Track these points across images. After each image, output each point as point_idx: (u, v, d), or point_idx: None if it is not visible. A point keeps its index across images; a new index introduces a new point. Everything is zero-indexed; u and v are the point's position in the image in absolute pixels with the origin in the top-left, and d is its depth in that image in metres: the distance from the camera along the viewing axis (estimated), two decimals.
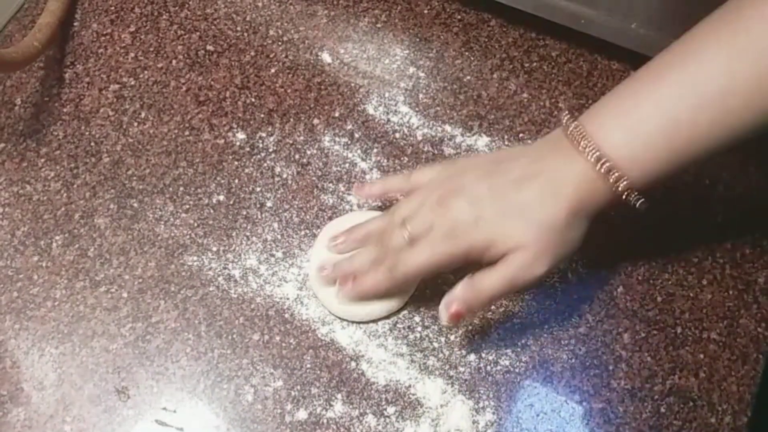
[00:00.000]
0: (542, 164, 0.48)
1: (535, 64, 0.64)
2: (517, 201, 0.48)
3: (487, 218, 0.48)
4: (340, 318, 0.54)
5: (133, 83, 0.63)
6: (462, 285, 0.49)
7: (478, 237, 0.48)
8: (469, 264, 0.49)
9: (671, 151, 0.46)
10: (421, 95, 0.63)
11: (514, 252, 0.47)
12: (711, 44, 0.45)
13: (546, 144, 0.50)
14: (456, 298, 0.49)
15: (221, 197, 0.59)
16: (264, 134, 0.61)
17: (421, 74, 0.64)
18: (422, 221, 0.50)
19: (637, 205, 0.47)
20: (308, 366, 0.53)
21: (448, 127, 0.61)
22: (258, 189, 0.59)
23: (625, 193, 0.47)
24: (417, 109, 0.62)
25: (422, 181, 0.53)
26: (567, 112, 0.49)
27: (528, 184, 0.48)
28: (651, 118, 0.46)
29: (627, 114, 0.47)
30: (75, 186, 0.59)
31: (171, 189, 0.59)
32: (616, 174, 0.46)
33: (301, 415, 0.52)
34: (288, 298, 0.55)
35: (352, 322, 0.54)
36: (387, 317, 0.54)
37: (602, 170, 0.46)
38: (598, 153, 0.46)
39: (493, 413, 0.52)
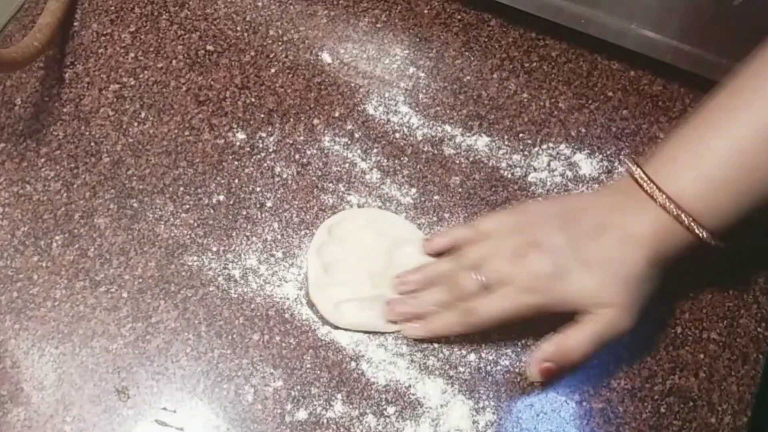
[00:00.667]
0: (617, 215, 0.48)
1: (535, 64, 0.64)
2: (598, 254, 0.47)
3: (569, 273, 0.47)
4: (335, 327, 0.54)
5: (133, 83, 0.63)
6: (552, 344, 0.49)
7: (561, 292, 0.48)
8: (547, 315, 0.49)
9: (748, 193, 0.45)
10: (421, 95, 0.63)
11: (600, 309, 0.47)
12: None
13: (616, 192, 0.50)
14: (547, 357, 0.49)
15: (221, 197, 0.59)
16: (264, 134, 0.61)
17: (421, 74, 0.64)
18: (497, 270, 0.49)
19: (715, 245, 0.47)
20: (308, 366, 0.53)
21: (448, 127, 0.61)
22: (258, 189, 0.59)
23: (706, 241, 0.47)
24: (417, 109, 0.62)
25: (489, 228, 0.52)
26: (631, 160, 0.48)
27: (606, 236, 0.47)
28: (725, 163, 0.45)
29: (698, 160, 0.46)
30: (75, 186, 0.59)
31: (171, 189, 0.59)
32: (696, 226, 0.46)
33: (301, 415, 0.52)
34: (288, 298, 0.55)
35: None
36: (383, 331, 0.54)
37: (682, 223, 0.46)
38: (676, 208, 0.46)
39: (493, 413, 0.52)
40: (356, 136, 0.61)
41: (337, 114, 0.62)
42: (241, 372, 0.53)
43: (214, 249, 0.57)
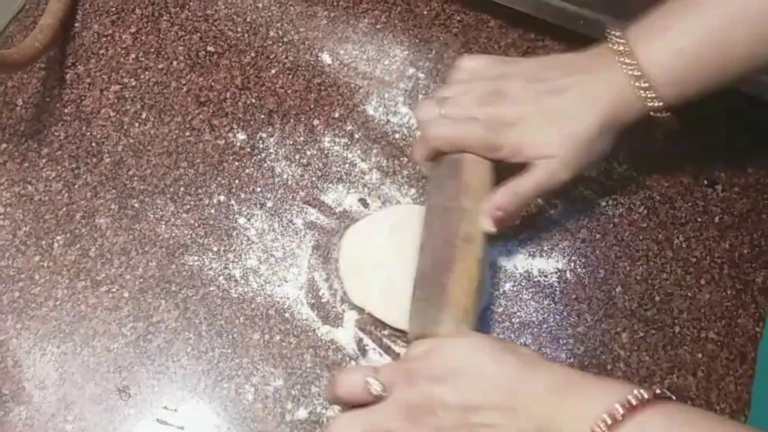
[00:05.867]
0: (582, 75, 0.51)
1: None
2: (556, 109, 0.50)
3: (525, 123, 0.50)
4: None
5: (134, 84, 0.63)
6: (501, 193, 0.51)
7: (513, 138, 0.51)
8: (493, 160, 0.52)
9: (707, 69, 0.48)
10: (420, 96, 0.63)
11: (543, 159, 0.50)
12: None
13: (591, 54, 0.52)
14: (498, 206, 0.51)
15: (222, 197, 0.59)
16: (264, 135, 0.61)
17: (421, 75, 0.64)
18: (461, 108, 0.52)
19: (665, 123, 0.50)
20: (308, 365, 0.53)
21: None
22: (258, 189, 0.59)
23: (655, 112, 0.49)
24: None
25: (468, 68, 0.55)
26: (613, 27, 0.51)
27: (567, 93, 0.50)
28: (693, 34, 0.48)
29: (670, 29, 0.49)
30: (76, 186, 0.59)
31: (172, 189, 0.59)
32: (651, 93, 0.48)
33: (302, 414, 0.52)
34: (288, 298, 0.55)
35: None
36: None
37: (638, 87, 0.48)
38: (637, 69, 0.48)
39: None
40: (356, 136, 0.61)
41: (337, 115, 0.62)
42: (242, 371, 0.53)
43: (215, 249, 0.57)
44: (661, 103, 0.49)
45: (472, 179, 0.52)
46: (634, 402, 0.39)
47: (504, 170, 0.52)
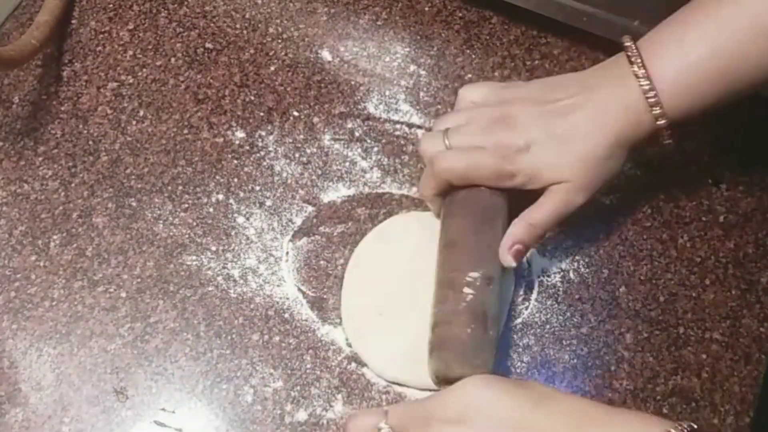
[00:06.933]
0: (591, 92, 0.49)
1: (536, 62, 0.64)
2: (565, 131, 0.49)
3: (536, 147, 0.49)
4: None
5: (131, 81, 0.62)
6: (516, 225, 0.50)
7: (525, 164, 0.49)
8: (504, 188, 0.51)
9: (715, 82, 0.47)
10: (422, 93, 0.62)
11: (557, 185, 0.49)
12: None
13: (600, 70, 0.51)
14: (516, 240, 0.50)
15: (220, 196, 0.58)
16: (263, 133, 0.61)
17: (422, 72, 0.63)
18: (468, 137, 0.51)
19: (664, 143, 0.49)
20: (308, 366, 0.53)
21: None
22: (257, 188, 0.59)
23: (661, 129, 0.48)
24: (418, 107, 0.62)
25: (468, 96, 0.54)
26: (628, 37, 0.49)
27: (576, 114, 0.49)
28: (699, 47, 0.46)
29: (679, 41, 0.47)
30: (73, 185, 0.58)
31: (170, 188, 0.59)
32: (658, 110, 0.47)
33: (301, 415, 0.51)
34: (288, 298, 0.55)
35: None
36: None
37: (647, 101, 0.47)
38: (647, 82, 0.47)
39: None
40: (356, 134, 0.61)
41: (337, 112, 0.62)
42: (241, 372, 0.53)
43: (213, 248, 0.56)
44: (664, 121, 0.47)
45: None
46: None
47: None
